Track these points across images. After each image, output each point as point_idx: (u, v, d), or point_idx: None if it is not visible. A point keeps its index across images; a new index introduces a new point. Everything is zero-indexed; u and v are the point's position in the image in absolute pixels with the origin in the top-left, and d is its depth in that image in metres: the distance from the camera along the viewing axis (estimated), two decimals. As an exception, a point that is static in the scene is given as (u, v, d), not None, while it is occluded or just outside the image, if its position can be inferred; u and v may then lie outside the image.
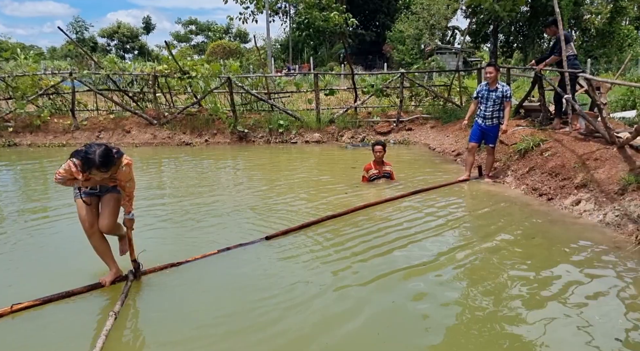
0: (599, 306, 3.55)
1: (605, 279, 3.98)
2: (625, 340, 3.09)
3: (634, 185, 5.37)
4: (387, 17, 40.32)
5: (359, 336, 3.20)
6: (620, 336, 3.13)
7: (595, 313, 3.43)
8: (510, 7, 12.75)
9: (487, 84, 7.38)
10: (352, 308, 3.55)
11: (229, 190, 7.43)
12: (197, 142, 12.28)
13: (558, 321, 3.33)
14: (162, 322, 3.40)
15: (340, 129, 12.65)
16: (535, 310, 3.49)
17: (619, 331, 3.19)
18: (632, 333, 3.18)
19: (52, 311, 3.52)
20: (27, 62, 13.96)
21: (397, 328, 3.28)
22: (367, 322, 3.37)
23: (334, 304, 3.61)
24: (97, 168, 3.33)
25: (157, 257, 4.31)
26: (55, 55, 48.59)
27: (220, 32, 61.59)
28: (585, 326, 3.25)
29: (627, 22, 35.12)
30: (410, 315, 3.49)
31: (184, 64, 12.90)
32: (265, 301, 3.64)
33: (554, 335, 3.17)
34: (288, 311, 3.51)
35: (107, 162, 3.35)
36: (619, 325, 3.28)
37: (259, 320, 3.39)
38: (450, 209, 6.10)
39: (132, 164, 3.68)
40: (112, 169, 3.45)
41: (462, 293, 3.77)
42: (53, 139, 12.38)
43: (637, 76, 17.82)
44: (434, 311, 3.50)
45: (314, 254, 4.57)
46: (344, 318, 3.41)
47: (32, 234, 5.25)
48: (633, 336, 3.14)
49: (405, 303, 3.63)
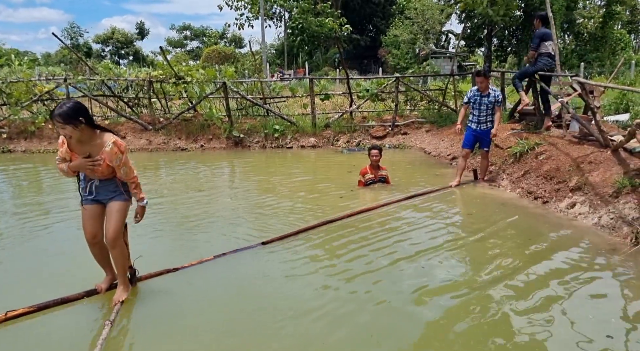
0: (593, 306, 3.60)
1: (600, 280, 4.02)
2: (616, 337, 3.15)
3: (628, 188, 5.41)
4: (381, 22, 40.49)
5: (354, 339, 3.20)
6: (612, 333, 3.20)
7: (589, 312, 3.48)
8: (503, 11, 12.80)
9: (478, 89, 7.39)
10: (349, 310, 3.56)
11: (224, 195, 7.41)
12: (192, 147, 12.26)
13: (552, 319, 3.39)
14: (158, 330, 3.38)
15: (335, 133, 12.67)
16: (531, 308, 3.53)
17: (610, 329, 3.25)
18: (623, 330, 3.25)
19: (47, 319, 3.49)
20: (21, 68, 13.91)
21: (391, 330, 3.29)
22: (364, 324, 3.38)
23: (331, 308, 3.61)
24: (52, 118, 3.23)
25: (154, 263, 4.29)
26: (50, 61, 48.49)
27: (215, 38, 61.68)
28: (578, 324, 3.32)
29: (619, 27, 35.41)
30: (405, 316, 3.50)
31: (179, 69, 12.89)
32: (263, 307, 3.63)
33: (548, 332, 3.23)
34: (285, 316, 3.50)
35: (61, 113, 3.20)
36: (612, 324, 3.33)
37: (256, 326, 3.38)
38: (446, 213, 6.12)
39: (122, 146, 3.48)
40: (70, 126, 3.23)
41: (457, 294, 3.79)
42: (48, 145, 12.32)
43: (630, 80, 17.94)
44: (431, 312, 3.51)
45: (311, 259, 4.58)
46: (342, 321, 3.41)
47: (26, 237, 5.23)
48: (624, 333, 3.21)
49: (400, 305, 3.64)
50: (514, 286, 3.92)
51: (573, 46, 32.69)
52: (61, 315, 3.56)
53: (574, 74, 8.96)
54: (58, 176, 8.14)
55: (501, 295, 3.77)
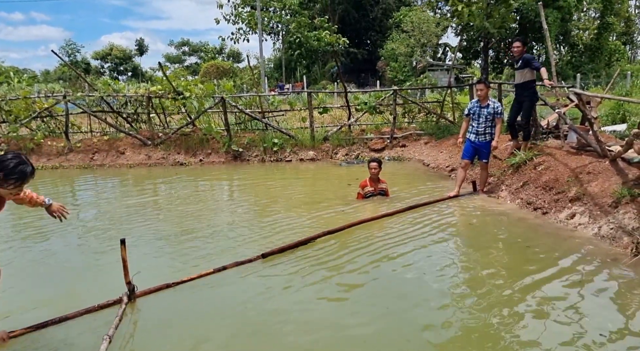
0: (594, 317, 3.59)
1: (601, 291, 4.02)
2: (609, 336, 3.28)
3: (627, 198, 5.41)
4: (378, 35, 40.84)
5: (353, 342, 3.18)
6: (605, 333, 3.31)
7: (590, 323, 3.48)
8: (499, 23, 12.94)
9: (478, 101, 7.44)
10: (350, 319, 3.57)
11: (224, 209, 7.40)
12: (191, 162, 12.27)
13: (550, 320, 3.52)
14: (156, 345, 3.35)
15: (334, 146, 12.69)
16: (529, 317, 3.56)
17: (604, 329, 3.36)
18: (617, 330, 3.38)
19: (46, 337, 3.46)
20: (20, 85, 13.99)
21: (391, 334, 3.28)
22: (363, 328, 3.40)
23: (331, 316, 3.61)
24: (31, 175, 3.05)
25: (153, 277, 4.26)
26: (49, 78, 48.76)
27: (213, 53, 62.08)
28: (575, 324, 3.46)
29: (614, 38, 35.76)
30: (405, 321, 3.51)
31: (178, 84, 12.96)
32: (264, 320, 3.61)
33: (547, 331, 3.37)
34: (287, 328, 3.48)
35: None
36: (608, 327, 3.42)
37: (258, 339, 3.36)
38: (446, 225, 6.11)
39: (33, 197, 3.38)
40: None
41: (458, 300, 3.81)
42: (46, 161, 12.33)
43: (626, 90, 18.06)
44: (430, 316, 3.53)
45: (311, 270, 4.56)
46: (344, 326, 3.43)
47: (22, 253, 5.20)
48: (617, 333, 3.34)
49: (400, 313, 3.65)
50: (512, 296, 3.91)
51: (569, 57, 32.99)
52: (59, 329, 3.53)
53: (571, 85, 9.02)
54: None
55: (500, 305, 3.77)
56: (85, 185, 10.19)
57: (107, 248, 5.36)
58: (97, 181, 10.50)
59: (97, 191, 9.61)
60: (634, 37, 42.19)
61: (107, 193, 9.36)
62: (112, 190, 9.67)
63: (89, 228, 6.42)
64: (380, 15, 40.38)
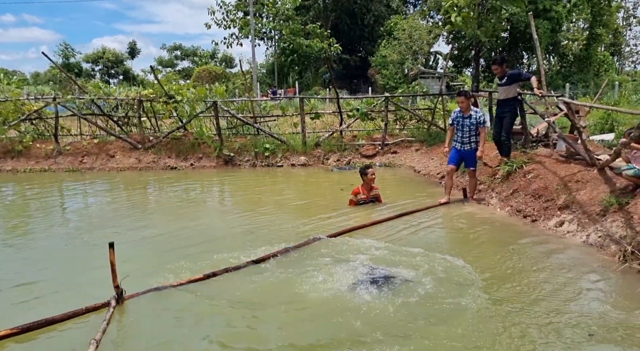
0: (581, 324, 3.60)
1: (589, 298, 4.04)
2: (596, 335, 3.41)
3: (615, 206, 5.46)
4: (370, 43, 41.07)
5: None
6: (590, 339, 3.39)
7: (574, 317, 3.62)
8: (491, 32, 13.09)
9: (461, 111, 7.49)
10: (342, 320, 3.56)
11: (214, 214, 7.37)
12: (182, 166, 12.21)
13: (541, 322, 3.58)
14: (144, 349, 3.32)
15: (326, 152, 12.71)
16: (514, 316, 3.60)
17: (590, 335, 3.42)
18: (602, 331, 3.48)
19: (31, 340, 3.41)
20: (10, 87, 13.86)
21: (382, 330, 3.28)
22: (359, 326, 3.38)
23: (333, 319, 3.60)
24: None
25: (141, 282, 4.22)
26: (39, 80, 48.34)
27: (206, 57, 61.97)
28: (563, 327, 3.54)
29: (602, 49, 36.25)
30: (395, 327, 3.49)
31: (170, 88, 12.92)
32: (253, 325, 3.59)
33: (536, 333, 3.45)
34: (280, 333, 3.46)
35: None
36: (594, 329, 3.49)
37: (246, 346, 3.33)
38: (436, 231, 6.13)
39: None
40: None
41: (445, 308, 3.79)
42: (35, 164, 12.21)
43: (614, 100, 18.30)
44: (419, 323, 3.50)
45: (302, 275, 4.53)
46: (338, 328, 3.42)
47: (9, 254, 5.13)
48: (603, 334, 3.45)
49: (390, 315, 3.62)
50: (500, 301, 3.93)
51: (558, 67, 33.37)
52: (46, 333, 3.48)
53: (560, 95, 9.12)
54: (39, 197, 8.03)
55: (487, 309, 3.79)
56: (74, 188, 10.09)
57: (94, 252, 5.31)
58: (85, 184, 10.40)
59: (85, 194, 9.52)
60: (621, 48, 42.87)
61: (95, 197, 9.28)
62: (100, 193, 9.58)
63: (74, 232, 6.35)
64: (373, 22, 40.66)
